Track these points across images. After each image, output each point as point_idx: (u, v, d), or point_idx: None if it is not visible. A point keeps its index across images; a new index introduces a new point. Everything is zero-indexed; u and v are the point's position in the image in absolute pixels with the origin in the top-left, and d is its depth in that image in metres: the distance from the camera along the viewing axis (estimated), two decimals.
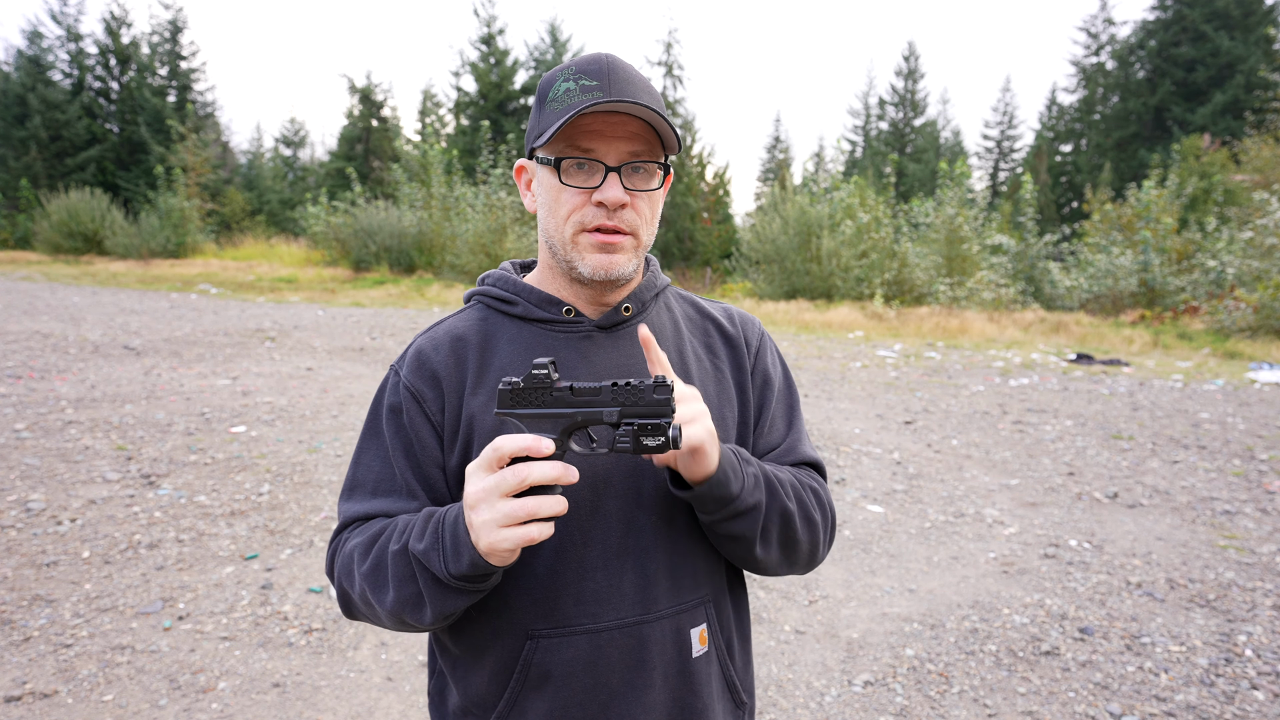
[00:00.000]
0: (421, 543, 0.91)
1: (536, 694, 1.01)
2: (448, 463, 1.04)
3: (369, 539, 1.00)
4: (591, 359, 1.06)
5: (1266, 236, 15.48)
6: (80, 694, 2.84)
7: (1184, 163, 25.07)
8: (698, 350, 1.16)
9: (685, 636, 1.06)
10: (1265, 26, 32.47)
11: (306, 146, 48.09)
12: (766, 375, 1.19)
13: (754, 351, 1.20)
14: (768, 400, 1.18)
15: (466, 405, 1.04)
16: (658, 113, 0.97)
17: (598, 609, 1.01)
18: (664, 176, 1.05)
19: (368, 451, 1.08)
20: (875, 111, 45.95)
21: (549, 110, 1.01)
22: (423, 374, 1.05)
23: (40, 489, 4.85)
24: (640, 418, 0.84)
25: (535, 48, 36.78)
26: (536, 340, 1.07)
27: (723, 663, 1.12)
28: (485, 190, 24.37)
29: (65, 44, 37.82)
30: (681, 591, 1.06)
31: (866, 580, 4.04)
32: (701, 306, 1.23)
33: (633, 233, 1.02)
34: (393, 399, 1.06)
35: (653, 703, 1.04)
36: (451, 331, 1.09)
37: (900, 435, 7.09)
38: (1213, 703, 2.95)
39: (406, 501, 1.03)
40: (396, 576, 0.94)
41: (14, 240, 33.95)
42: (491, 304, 1.12)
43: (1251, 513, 5.11)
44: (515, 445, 0.82)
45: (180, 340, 11.00)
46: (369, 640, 3.32)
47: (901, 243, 20.54)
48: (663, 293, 1.18)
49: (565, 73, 1.01)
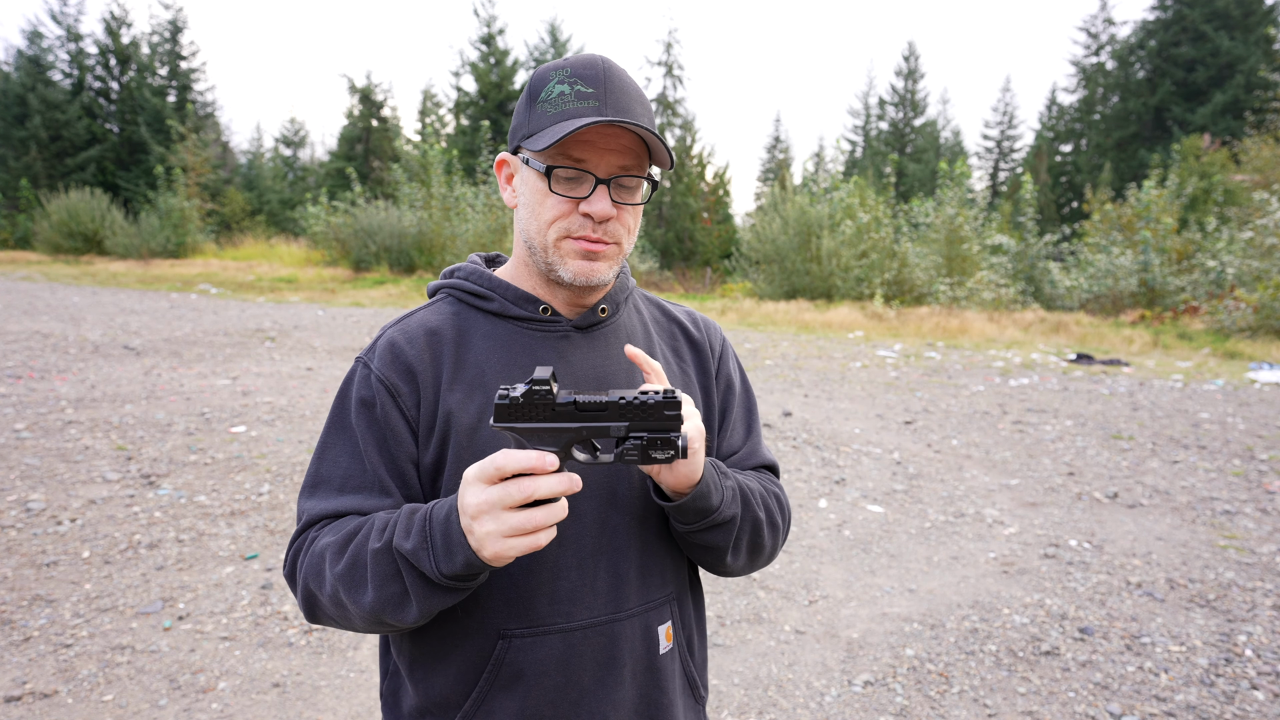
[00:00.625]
0: (409, 541, 0.89)
1: (506, 694, 1.01)
2: (422, 458, 1.02)
3: (343, 539, 0.96)
4: (569, 359, 1.07)
5: (1266, 236, 15.48)
6: (80, 694, 2.84)
7: (1184, 163, 25.07)
8: (665, 353, 1.18)
9: (654, 633, 1.08)
10: (1265, 26, 32.47)
11: (306, 146, 48.12)
12: (729, 380, 1.22)
13: (718, 356, 1.22)
14: (730, 404, 1.22)
15: (443, 401, 1.02)
16: (653, 133, 0.97)
17: (571, 608, 1.01)
18: (650, 189, 1.06)
19: (333, 447, 1.04)
20: (875, 111, 45.97)
21: (540, 111, 1.00)
22: (396, 367, 1.02)
23: (40, 489, 4.85)
24: (648, 432, 0.83)
25: (535, 48, 36.80)
26: (513, 338, 1.06)
27: (684, 658, 1.14)
28: (485, 190, 24.37)
29: (65, 44, 37.83)
30: (650, 589, 1.07)
31: (866, 580, 4.04)
32: (667, 309, 1.25)
33: (616, 242, 1.03)
34: (363, 392, 1.02)
35: (622, 700, 1.05)
36: (424, 324, 1.07)
37: (900, 435, 7.09)
38: (1213, 703, 2.95)
39: (379, 498, 1.00)
40: (378, 576, 0.91)
41: (14, 240, 33.95)
42: (464, 298, 1.10)
43: (1251, 513, 5.11)
44: (519, 464, 0.81)
45: (180, 340, 11.00)
46: (369, 640, 3.32)
47: (901, 243, 20.55)
48: (631, 294, 1.19)
49: (559, 73, 1.00)
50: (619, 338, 1.12)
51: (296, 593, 1.01)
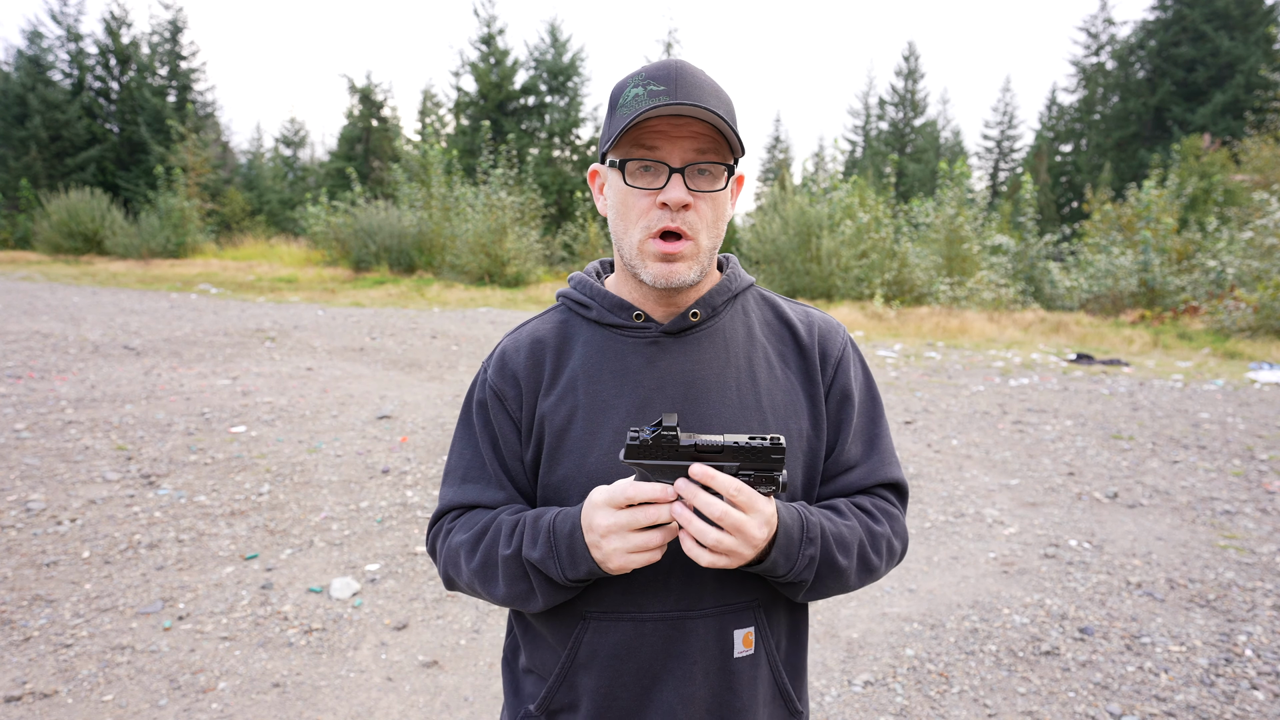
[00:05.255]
0: (536, 551, 1.02)
1: (584, 671, 1.09)
2: (525, 455, 1.13)
3: (474, 537, 1.10)
4: (657, 363, 1.10)
5: (1266, 236, 15.48)
6: (80, 694, 2.84)
7: (1184, 163, 25.06)
8: (770, 357, 1.16)
9: (728, 636, 1.09)
10: (1265, 26, 32.46)
11: (306, 146, 48.10)
12: (846, 391, 1.17)
13: (834, 365, 1.18)
14: (846, 418, 1.17)
15: (540, 405, 1.12)
16: (721, 116, 0.98)
17: (643, 600, 1.07)
18: (729, 179, 1.05)
19: (461, 440, 1.19)
20: (875, 111, 45.96)
21: (619, 116, 1.03)
22: (504, 375, 1.15)
23: (40, 489, 4.85)
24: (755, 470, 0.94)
25: (535, 48, 36.74)
26: (608, 344, 1.12)
27: (774, 668, 1.13)
28: (485, 190, 24.35)
29: (65, 44, 37.79)
30: (727, 593, 1.09)
31: None
32: (782, 311, 1.22)
33: (694, 237, 1.03)
34: (480, 395, 1.17)
35: (693, 696, 1.08)
36: (533, 334, 1.17)
37: (900, 435, 7.09)
38: (1213, 703, 2.95)
39: (495, 490, 1.14)
40: (508, 576, 1.05)
41: (14, 240, 33.92)
42: (572, 307, 1.18)
43: (1251, 513, 5.11)
44: (646, 495, 0.94)
45: (180, 340, 11.00)
46: (369, 640, 3.32)
47: (901, 243, 20.53)
48: (741, 295, 1.18)
49: (635, 79, 1.04)
50: (714, 341, 1.12)
51: (438, 568, 1.18)
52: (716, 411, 1.08)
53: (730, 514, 0.91)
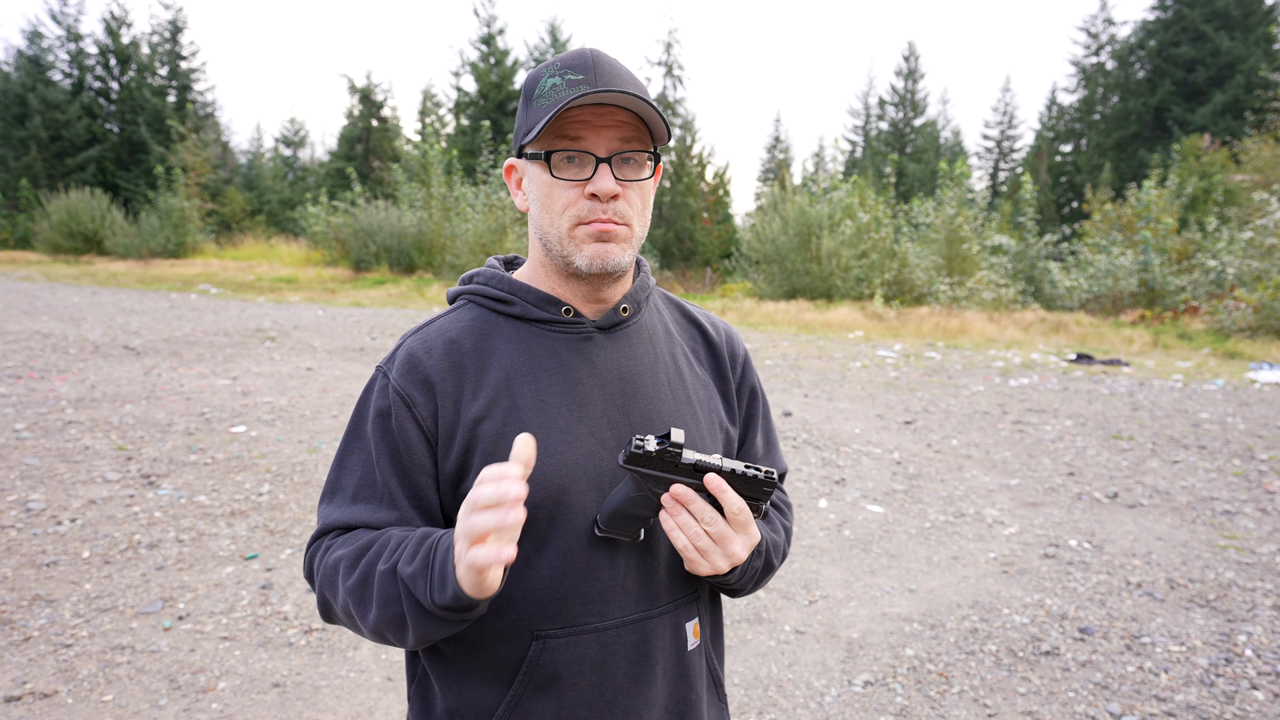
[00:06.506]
0: (410, 566, 0.90)
1: (542, 696, 1.00)
2: (440, 469, 1.02)
3: (356, 552, 0.97)
4: (593, 360, 1.06)
5: (1266, 236, 15.48)
6: (80, 694, 2.84)
7: (1184, 163, 25.06)
8: (688, 354, 1.18)
9: (682, 630, 1.08)
10: (1265, 26, 32.45)
11: (306, 146, 48.07)
12: (754, 389, 1.24)
13: (740, 364, 1.23)
14: (754, 414, 1.23)
15: (464, 412, 1.01)
16: (645, 101, 0.96)
17: (604, 607, 1.01)
18: (654, 166, 1.04)
19: (350, 454, 1.05)
20: (875, 111, 45.93)
21: (536, 106, 1.00)
22: (413, 379, 1.02)
23: (40, 489, 4.85)
24: (744, 496, 0.97)
25: (535, 48, 36.78)
26: (536, 341, 1.05)
27: (709, 656, 1.14)
28: (485, 190, 24.36)
29: (65, 44, 37.80)
30: (678, 586, 1.08)
31: (866, 580, 4.04)
32: (688, 311, 1.25)
33: (626, 224, 1.02)
34: (380, 403, 1.02)
35: (653, 698, 1.05)
36: (444, 334, 1.06)
37: (900, 435, 7.09)
38: (1213, 703, 2.95)
39: (387, 510, 1.00)
40: (381, 596, 0.92)
41: (14, 240, 33.93)
42: (485, 303, 1.09)
43: (1251, 513, 5.11)
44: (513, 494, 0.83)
45: (180, 340, 11.00)
46: (369, 640, 3.31)
47: (901, 243, 20.54)
48: (651, 294, 1.19)
49: (550, 69, 1.01)
50: (641, 337, 1.12)
51: (315, 592, 1.03)
52: (655, 408, 1.07)
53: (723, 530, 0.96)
